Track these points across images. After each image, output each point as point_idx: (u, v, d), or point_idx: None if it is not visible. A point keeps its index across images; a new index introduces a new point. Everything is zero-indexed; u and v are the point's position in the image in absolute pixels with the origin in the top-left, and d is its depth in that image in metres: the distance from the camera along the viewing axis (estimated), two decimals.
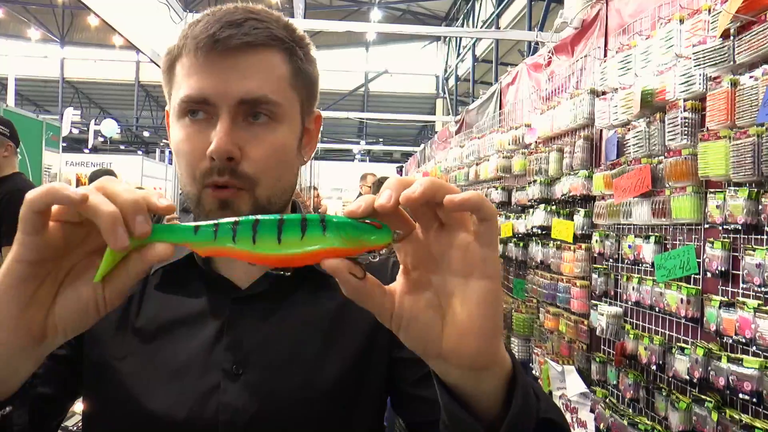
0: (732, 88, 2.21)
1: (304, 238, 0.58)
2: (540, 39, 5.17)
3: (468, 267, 0.57)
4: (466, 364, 0.60)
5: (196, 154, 0.89)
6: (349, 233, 0.57)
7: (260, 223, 0.59)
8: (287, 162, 0.96)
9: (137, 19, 4.88)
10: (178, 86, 0.91)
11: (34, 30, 24.21)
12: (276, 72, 0.91)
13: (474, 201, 0.54)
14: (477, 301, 0.58)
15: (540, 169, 4.05)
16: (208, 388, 0.90)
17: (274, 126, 0.91)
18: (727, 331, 2.24)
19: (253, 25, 0.89)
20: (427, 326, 0.59)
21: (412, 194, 0.54)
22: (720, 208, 2.30)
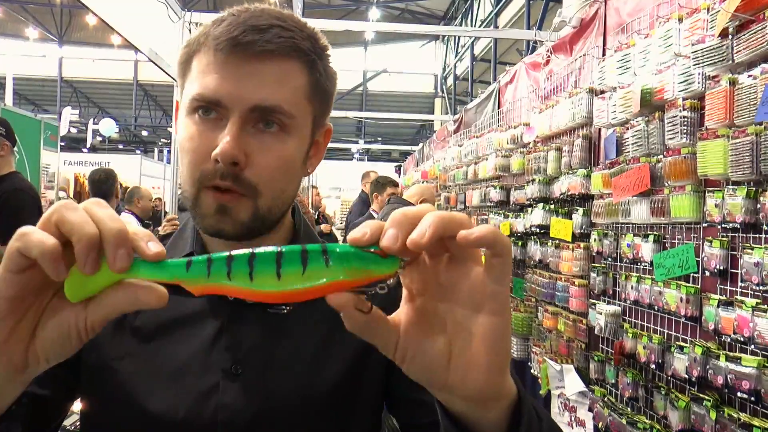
0: (731, 87, 2.21)
1: (306, 272, 0.54)
2: (538, 38, 5.17)
3: (477, 302, 0.55)
4: (472, 397, 0.58)
5: (200, 154, 0.87)
6: (354, 264, 0.53)
7: (257, 257, 0.54)
8: (292, 174, 0.94)
9: (136, 19, 4.88)
10: (192, 81, 0.89)
11: (32, 29, 24.19)
12: (294, 83, 0.89)
13: (489, 238, 0.52)
14: (485, 336, 0.55)
15: (538, 168, 4.05)
16: (207, 388, 0.89)
17: (283, 137, 0.89)
18: (725, 329, 2.24)
19: (278, 33, 0.87)
20: (432, 359, 0.57)
21: (420, 240, 0.51)
22: (719, 207, 2.30)
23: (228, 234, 0.90)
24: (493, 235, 0.52)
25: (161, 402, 0.89)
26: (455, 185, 6.58)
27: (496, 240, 0.52)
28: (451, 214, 0.53)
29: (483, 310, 0.55)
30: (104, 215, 0.54)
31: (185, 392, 0.89)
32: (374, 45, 25.70)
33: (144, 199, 5.94)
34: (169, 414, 0.88)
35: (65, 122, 14.31)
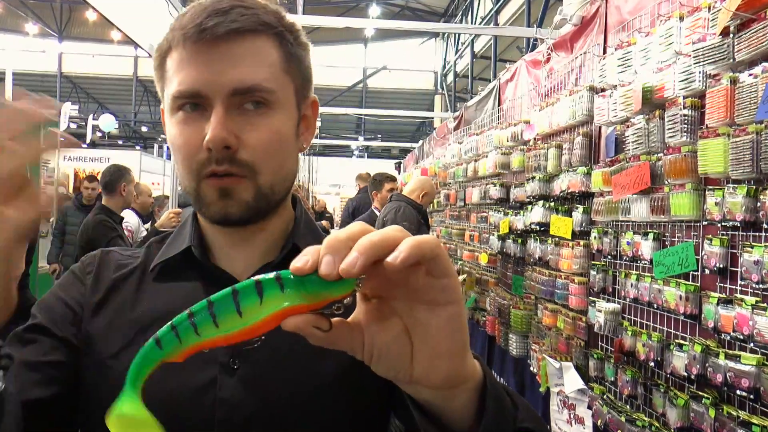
0: (731, 85, 2.21)
1: (263, 302, 0.55)
2: (539, 36, 5.16)
3: (428, 297, 0.57)
4: (437, 385, 0.60)
5: (192, 147, 0.87)
6: (309, 288, 0.54)
7: (215, 304, 0.55)
8: (286, 148, 0.94)
9: (135, 14, 4.87)
10: (170, 81, 0.90)
11: (31, 24, 24.13)
12: (267, 58, 0.90)
13: (413, 254, 0.53)
14: (442, 326, 0.58)
15: (539, 165, 4.05)
16: (204, 383, 0.88)
17: (269, 113, 0.90)
18: (725, 327, 2.24)
19: (240, 12, 0.87)
20: (397, 356, 0.59)
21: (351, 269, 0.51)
22: (719, 205, 2.30)
23: (234, 217, 0.90)
24: (417, 248, 0.53)
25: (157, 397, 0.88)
26: (455, 182, 6.59)
27: (422, 250, 0.53)
28: (381, 236, 0.54)
29: (435, 302, 0.57)
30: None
31: (182, 387, 0.88)
32: (374, 42, 25.66)
33: (143, 195, 5.95)
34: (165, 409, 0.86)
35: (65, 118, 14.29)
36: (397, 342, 0.59)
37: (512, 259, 4.74)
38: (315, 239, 1.02)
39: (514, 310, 4.38)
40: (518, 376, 4.66)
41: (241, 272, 0.96)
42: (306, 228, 1.03)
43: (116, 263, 1.02)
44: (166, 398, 0.87)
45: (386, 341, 0.59)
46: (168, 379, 0.88)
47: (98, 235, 4.30)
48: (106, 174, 4.72)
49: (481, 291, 5.55)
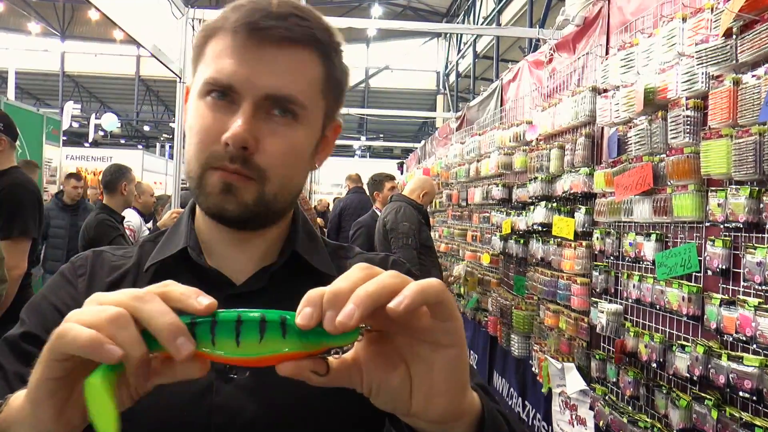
0: (734, 86, 2.21)
1: (262, 342, 0.56)
2: (541, 36, 5.17)
3: (431, 338, 0.58)
4: (435, 420, 0.61)
5: (210, 135, 0.86)
6: (311, 339, 0.55)
7: (218, 324, 0.56)
8: (300, 163, 0.93)
9: (138, 14, 4.87)
10: (207, 64, 0.89)
11: (34, 24, 24.17)
12: (309, 74, 0.89)
13: (417, 299, 0.53)
14: (442, 367, 0.58)
15: (541, 166, 4.05)
16: (200, 390, 0.87)
17: (294, 125, 0.89)
18: (727, 329, 2.24)
19: (296, 21, 0.86)
20: (396, 391, 0.60)
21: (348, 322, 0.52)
22: (721, 207, 2.30)
23: (231, 215, 0.88)
24: (420, 294, 0.53)
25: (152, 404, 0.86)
26: (457, 183, 6.58)
27: (426, 295, 0.54)
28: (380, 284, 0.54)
29: (438, 343, 0.58)
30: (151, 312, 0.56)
31: (177, 393, 0.84)
32: (376, 42, 25.67)
33: (145, 194, 5.94)
34: (161, 416, 0.86)
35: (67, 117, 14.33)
36: (396, 377, 0.60)
37: (514, 260, 4.73)
38: (314, 246, 1.02)
39: (516, 310, 4.38)
40: (520, 377, 4.66)
41: (237, 274, 0.95)
42: (304, 233, 1.02)
43: (109, 264, 1.00)
44: (162, 404, 0.85)
45: (386, 377, 0.60)
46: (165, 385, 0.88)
47: (100, 234, 4.30)
48: (106, 173, 4.72)
49: (483, 291, 5.55)
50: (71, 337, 0.54)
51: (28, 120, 7.18)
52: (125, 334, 0.55)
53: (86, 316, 0.56)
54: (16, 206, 3.24)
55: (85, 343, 0.54)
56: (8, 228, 3.18)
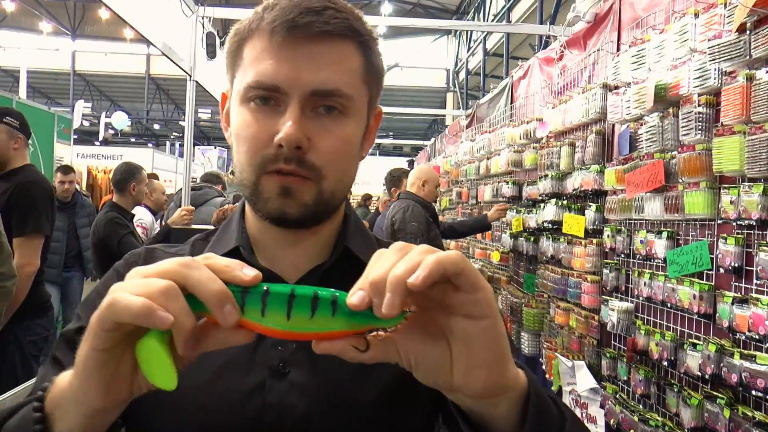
0: (748, 82, 2.19)
1: (313, 318, 0.57)
2: (552, 33, 5.15)
3: (463, 311, 0.59)
4: (477, 394, 0.62)
5: (260, 140, 0.86)
6: (359, 320, 0.57)
7: (270, 295, 0.58)
8: (352, 156, 0.93)
9: (149, 12, 4.88)
10: (246, 70, 0.88)
11: (45, 23, 24.32)
12: (350, 65, 0.89)
13: (434, 271, 0.55)
14: (478, 338, 0.59)
15: (551, 163, 4.03)
16: (252, 387, 0.87)
17: (343, 119, 0.88)
18: (740, 327, 2.22)
19: (333, 14, 0.86)
20: (436, 365, 0.61)
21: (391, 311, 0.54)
22: (734, 204, 2.28)
23: (291, 217, 0.88)
24: (437, 266, 0.55)
25: (205, 401, 0.87)
26: (467, 180, 6.57)
27: (443, 267, 0.56)
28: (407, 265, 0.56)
29: (470, 315, 0.59)
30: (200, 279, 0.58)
31: (230, 391, 0.87)
32: (386, 39, 25.62)
33: (157, 192, 5.96)
34: (213, 414, 0.86)
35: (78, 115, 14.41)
36: (435, 351, 0.61)
37: (524, 258, 4.72)
38: (364, 240, 1.02)
39: (527, 308, 4.37)
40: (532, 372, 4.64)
41: (289, 274, 0.95)
42: (355, 228, 1.02)
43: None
44: (215, 401, 0.87)
45: (425, 350, 0.61)
46: (216, 383, 0.88)
47: (110, 232, 4.31)
48: (116, 173, 4.73)
49: (494, 289, 5.51)
50: (123, 305, 0.56)
51: (39, 118, 7.22)
52: (175, 305, 0.57)
53: (135, 287, 0.57)
54: (29, 203, 3.27)
55: (137, 310, 0.55)
56: (22, 225, 3.21)
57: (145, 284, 0.57)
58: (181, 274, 0.58)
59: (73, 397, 0.63)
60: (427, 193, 4.87)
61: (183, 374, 0.88)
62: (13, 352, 3.22)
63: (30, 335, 3.29)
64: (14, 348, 3.22)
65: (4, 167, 3.36)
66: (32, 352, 3.31)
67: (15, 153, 3.39)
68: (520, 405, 0.65)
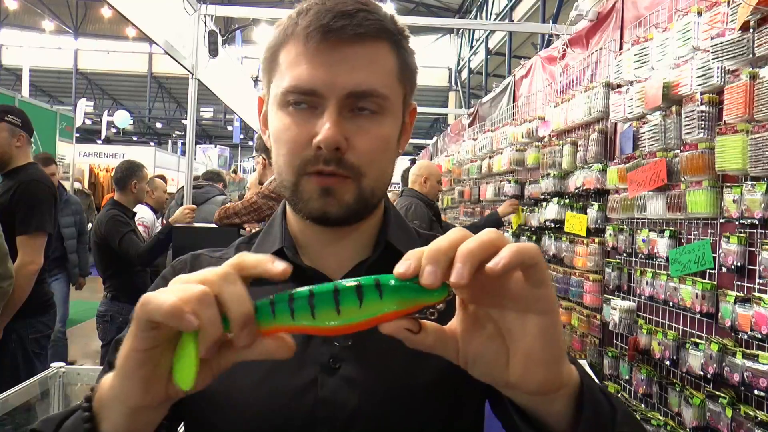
0: (751, 81, 2.18)
1: (362, 306, 0.58)
2: (555, 32, 5.14)
3: (524, 305, 0.59)
4: (534, 391, 0.61)
5: (299, 143, 0.87)
6: (406, 296, 0.58)
7: (316, 296, 0.59)
8: (390, 155, 0.95)
9: (151, 10, 4.88)
10: (282, 75, 0.89)
11: (48, 21, 24.34)
12: (385, 65, 0.90)
13: (514, 259, 0.54)
14: (537, 335, 0.59)
15: (553, 162, 4.03)
16: (304, 384, 0.88)
17: (379, 119, 0.90)
18: (742, 326, 2.22)
19: (365, 16, 0.87)
20: (492, 361, 0.61)
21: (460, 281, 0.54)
22: (737, 203, 2.27)
23: (333, 216, 0.89)
24: (518, 254, 0.55)
25: (257, 400, 0.88)
26: (469, 179, 6.57)
27: (523, 256, 0.55)
28: (481, 241, 0.56)
29: (531, 311, 0.59)
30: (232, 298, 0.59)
31: (281, 388, 0.88)
32: None
33: (158, 191, 5.96)
34: (266, 412, 0.88)
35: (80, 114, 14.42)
36: (492, 348, 0.61)
37: None
38: (406, 234, 1.03)
39: None
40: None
41: (333, 271, 0.96)
42: (396, 224, 1.03)
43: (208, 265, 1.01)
44: (267, 398, 0.88)
45: (481, 347, 0.61)
46: (269, 380, 0.89)
47: (111, 230, 4.32)
48: (118, 170, 4.74)
49: None
50: (155, 304, 0.57)
51: (41, 117, 7.23)
52: (208, 314, 0.58)
53: (173, 291, 0.59)
54: (33, 202, 3.27)
55: (166, 310, 0.56)
56: (25, 223, 3.22)
57: (183, 289, 0.59)
58: (217, 285, 0.59)
59: (115, 396, 0.65)
60: (429, 190, 4.81)
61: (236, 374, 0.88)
62: (15, 350, 3.23)
63: (32, 332, 3.30)
64: (17, 345, 3.23)
65: (6, 165, 3.37)
66: (34, 350, 3.32)
67: (17, 151, 3.40)
68: (574, 401, 0.66)
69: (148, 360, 0.62)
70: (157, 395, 0.64)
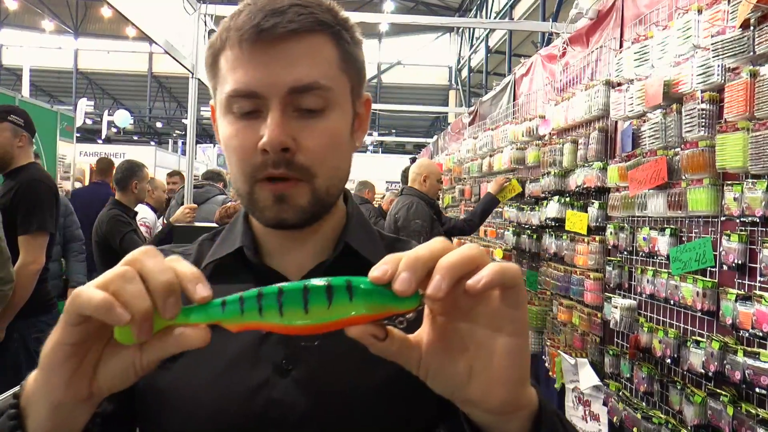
0: (751, 79, 2.18)
1: (331, 307, 0.57)
2: (555, 30, 5.13)
3: (496, 324, 0.58)
4: (493, 409, 0.61)
5: (247, 149, 0.86)
6: (376, 300, 0.56)
7: (284, 294, 0.58)
8: (342, 150, 0.92)
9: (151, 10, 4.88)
10: (224, 80, 0.88)
11: (48, 21, 24.32)
12: (324, 56, 0.88)
13: (496, 279, 0.54)
14: (505, 355, 0.58)
15: (554, 160, 4.03)
16: (257, 384, 0.87)
17: (326, 113, 0.88)
18: (743, 324, 2.22)
19: (297, 11, 0.85)
20: (454, 376, 0.60)
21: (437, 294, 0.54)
22: (737, 201, 2.27)
23: (289, 222, 0.88)
24: (499, 275, 0.55)
25: (210, 400, 0.88)
26: (470, 177, 6.57)
27: (504, 278, 0.55)
28: (462, 256, 0.55)
29: (502, 331, 0.58)
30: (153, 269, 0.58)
31: (234, 388, 0.87)
32: (388, 37, 25.62)
33: (158, 190, 5.97)
34: (218, 411, 0.87)
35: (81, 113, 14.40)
36: (455, 363, 0.60)
37: (527, 255, 4.72)
38: (367, 236, 1.02)
39: (529, 305, 4.36)
40: (533, 372, 4.63)
41: (294, 273, 0.95)
42: (358, 225, 1.01)
43: None
44: (222, 396, 0.87)
45: (444, 361, 0.60)
46: (221, 379, 0.88)
47: (112, 230, 4.32)
48: (118, 170, 4.74)
49: None
50: (85, 298, 0.57)
51: (42, 117, 7.22)
52: (131, 288, 0.57)
53: (99, 279, 0.59)
54: (34, 201, 3.28)
55: (97, 304, 0.56)
56: (27, 223, 3.23)
57: (106, 274, 0.58)
58: (139, 261, 0.59)
59: (39, 390, 0.64)
60: (429, 188, 4.78)
61: (189, 373, 0.88)
62: (17, 349, 3.23)
63: (35, 332, 3.30)
64: (19, 345, 3.24)
65: (8, 165, 3.37)
66: (36, 349, 3.30)
67: (19, 151, 3.40)
68: (531, 422, 0.65)
69: (74, 354, 0.61)
70: (79, 391, 0.63)
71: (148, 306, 0.57)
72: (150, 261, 0.59)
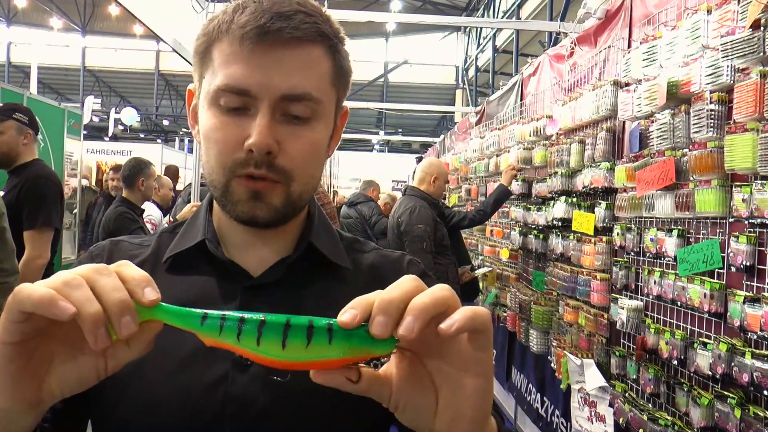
0: (761, 79, 2.17)
1: (309, 347, 0.58)
2: (563, 29, 5.12)
3: (463, 365, 0.61)
4: None
5: (230, 144, 0.87)
6: (355, 344, 0.57)
7: (266, 324, 0.58)
8: (320, 159, 0.95)
9: (158, 8, 4.89)
10: (215, 72, 0.88)
11: (56, 19, 24.42)
12: (320, 69, 0.90)
13: (467, 324, 0.56)
14: (470, 394, 0.61)
15: (561, 160, 4.02)
16: (215, 379, 0.87)
17: (312, 123, 0.90)
18: (751, 326, 2.20)
19: (303, 19, 0.86)
20: (421, 410, 0.63)
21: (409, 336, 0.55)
22: (746, 202, 2.26)
23: (262, 220, 0.89)
24: (470, 320, 0.57)
25: (169, 392, 0.87)
26: (476, 177, 6.56)
27: (475, 323, 0.57)
28: (434, 297, 0.57)
29: (468, 371, 0.61)
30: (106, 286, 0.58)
31: (192, 382, 0.87)
32: (395, 36, 25.61)
33: (164, 188, 5.99)
34: (175, 405, 0.86)
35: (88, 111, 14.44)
36: (423, 397, 0.63)
37: (534, 255, 4.71)
38: (329, 236, 1.03)
39: (535, 306, 4.36)
40: (539, 373, 4.64)
41: (254, 267, 0.95)
42: (321, 225, 1.03)
43: (127, 254, 1.01)
44: (178, 392, 0.87)
45: (414, 396, 0.63)
46: (180, 374, 0.88)
47: (120, 227, 4.33)
48: (125, 168, 4.75)
49: (502, 286, 5.53)
50: (26, 294, 0.55)
51: (49, 114, 7.24)
52: (78, 293, 0.56)
53: (44, 281, 0.58)
54: (40, 197, 3.31)
55: (39, 299, 0.55)
56: (32, 218, 3.26)
57: (53, 277, 0.58)
58: (91, 278, 0.58)
59: None
60: (436, 189, 4.76)
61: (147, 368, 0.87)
62: None
63: None
64: None
65: (13, 162, 3.40)
66: None
67: (24, 148, 3.43)
68: None
69: (18, 356, 0.59)
70: (26, 395, 0.60)
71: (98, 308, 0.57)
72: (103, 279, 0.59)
